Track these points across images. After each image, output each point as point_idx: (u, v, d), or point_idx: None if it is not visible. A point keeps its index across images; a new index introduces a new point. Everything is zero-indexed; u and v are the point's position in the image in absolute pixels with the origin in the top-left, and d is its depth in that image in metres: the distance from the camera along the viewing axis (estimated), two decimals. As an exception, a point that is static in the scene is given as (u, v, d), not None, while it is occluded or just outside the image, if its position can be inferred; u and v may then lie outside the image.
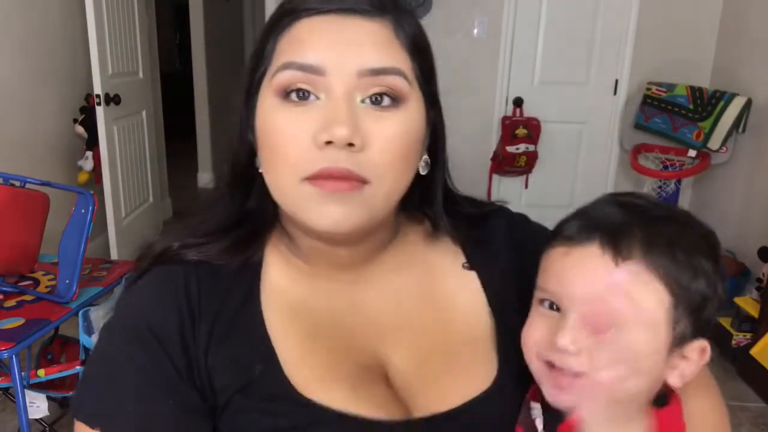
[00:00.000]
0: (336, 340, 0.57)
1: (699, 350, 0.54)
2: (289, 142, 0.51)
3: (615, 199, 0.56)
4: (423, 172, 0.57)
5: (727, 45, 3.35)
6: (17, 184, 1.63)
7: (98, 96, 2.82)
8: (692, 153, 3.18)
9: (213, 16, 5.13)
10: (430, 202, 0.62)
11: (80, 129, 2.97)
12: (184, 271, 0.57)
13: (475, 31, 3.56)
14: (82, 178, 3.02)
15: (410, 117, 0.53)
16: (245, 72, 0.57)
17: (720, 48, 3.42)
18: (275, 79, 0.52)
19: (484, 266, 0.64)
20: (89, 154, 2.99)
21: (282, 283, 0.59)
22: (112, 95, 2.92)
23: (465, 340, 0.60)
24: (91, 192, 1.59)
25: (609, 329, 0.50)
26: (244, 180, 0.59)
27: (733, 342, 2.44)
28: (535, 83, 3.61)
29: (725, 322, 2.53)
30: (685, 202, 3.62)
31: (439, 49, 0.57)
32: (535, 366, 0.54)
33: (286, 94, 0.52)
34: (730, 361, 2.47)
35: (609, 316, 0.50)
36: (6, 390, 1.74)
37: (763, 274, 2.54)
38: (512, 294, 0.63)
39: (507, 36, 3.54)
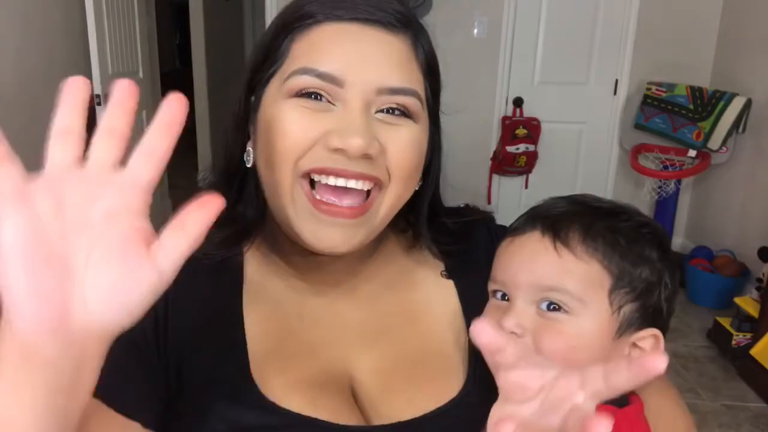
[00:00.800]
0: (306, 345, 0.57)
1: (652, 339, 0.55)
2: (297, 135, 0.49)
3: (563, 197, 0.59)
4: (416, 188, 0.58)
5: (727, 45, 3.35)
6: (17, 184, 1.63)
7: (98, 96, 2.83)
8: (692, 153, 3.18)
9: (213, 16, 5.13)
10: (416, 215, 0.62)
11: (80, 129, 2.97)
12: None
13: (475, 30, 3.56)
14: (82, 178, 3.02)
15: (420, 134, 0.53)
16: (248, 66, 0.56)
17: (720, 48, 3.42)
18: (289, 82, 0.50)
19: (463, 276, 0.64)
20: (89, 154, 3.00)
21: (262, 283, 0.59)
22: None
23: (435, 349, 0.59)
24: (91, 192, 1.59)
25: (555, 312, 0.52)
26: (236, 176, 0.57)
27: (733, 342, 2.44)
28: (535, 83, 3.61)
29: (725, 322, 2.53)
30: (685, 202, 3.62)
31: (439, 49, 0.57)
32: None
33: (299, 95, 0.50)
34: (730, 361, 2.47)
35: (551, 296, 0.52)
36: (6, 390, 1.74)
37: (763, 274, 2.54)
38: (485, 302, 0.62)
39: (507, 36, 3.55)
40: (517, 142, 3.51)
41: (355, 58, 0.50)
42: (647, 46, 3.46)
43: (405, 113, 0.52)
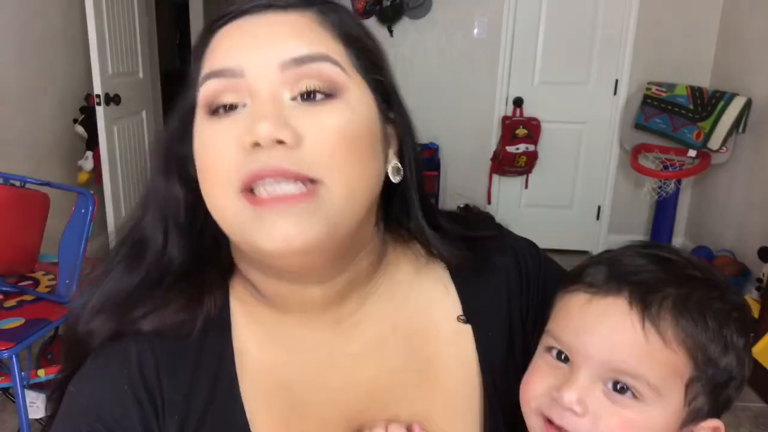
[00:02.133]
0: (314, 415, 0.52)
1: (711, 430, 0.49)
2: (218, 154, 0.45)
3: (647, 252, 0.50)
4: (394, 179, 0.51)
5: (727, 45, 3.35)
6: (17, 184, 1.63)
7: (98, 96, 2.82)
8: (692, 153, 3.18)
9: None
10: (408, 213, 0.55)
11: (80, 129, 2.97)
12: (137, 352, 0.50)
13: (475, 31, 3.56)
14: (82, 178, 3.02)
15: (351, 107, 0.46)
16: (177, 115, 0.51)
17: (720, 48, 3.42)
18: (200, 95, 0.47)
19: (482, 319, 0.58)
20: (89, 154, 2.99)
21: (254, 351, 0.52)
22: (112, 95, 2.92)
23: (449, 413, 0.55)
24: (91, 192, 1.59)
25: (622, 394, 0.46)
26: (188, 215, 0.51)
27: (733, 342, 2.44)
28: (535, 83, 3.61)
29: (725, 322, 2.53)
30: (685, 202, 3.62)
31: (439, 49, 0.55)
32: (533, 422, 0.50)
33: (213, 110, 0.46)
34: (730, 361, 2.47)
35: (625, 380, 0.45)
36: (6, 390, 1.74)
37: (763, 274, 2.54)
38: (505, 343, 0.58)
39: (507, 36, 3.54)
40: (517, 142, 3.51)
41: (246, 43, 0.46)
42: (647, 46, 3.46)
43: (326, 93, 0.46)
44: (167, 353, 0.50)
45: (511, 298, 0.59)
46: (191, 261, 0.52)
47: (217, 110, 0.46)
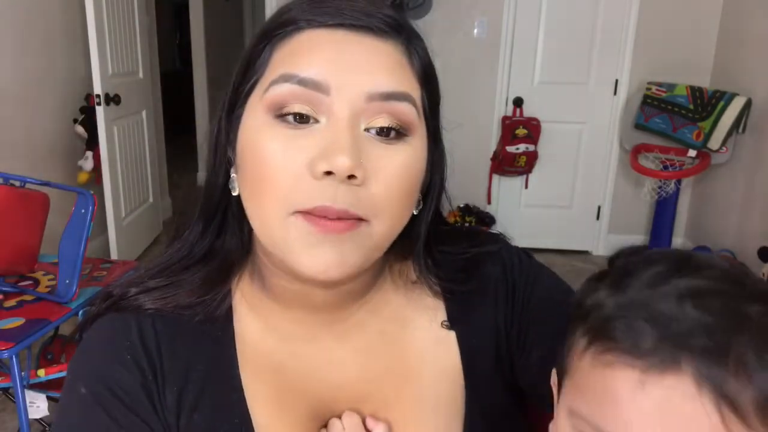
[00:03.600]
0: (303, 402, 0.54)
1: None
2: (281, 169, 0.44)
3: (698, 286, 0.36)
4: (415, 212, 0.52)
5: (727, 45, 3.35)
6: (17, 184, 1.63)
7: (98, 96, 2.82)
8: (692, 153, 3.18)
9: (213, 16, 5.14)
10: (414, 241, 0.56)
11: (80, 129, 2.97)
12: (137, 325, 0.52)
13: (475, 31, 3.56)
14: (82, 178, 3.02)
15: (414, 149, 0.48)
16: (232, 81, 0.51)
17: (720, 48, 3.42)
18: (269, 92, 0.46)
19: (467, 324, 0.58)
20: (89, 154, 2.99)
21: (253, 336, 0.54)
22: (112, 95, 2.92)
23: (432, 410, 0.55)
24: (91, 192, 1.59)
25: None
26: (219, 206, 0.52)
27: (733, 342, 2.44)
28: (535, 83, 3.61)
29: (725, 322, 2.53)
30: (685, 202, 3.63)
31: (439, 49, 0.55)
32: None
33: (281, 114, 0.45)
34: (730, 361, 2.46)
35: None
36: (6, 390, 1.74)
37: (763, 274, 2.54)
38: (491, 351, 0.58)
39: (507, 36, 3.54)
40: (517, 142, 3.51)
41: (340, 63, 0.45)
42: (647, 46, 3.46)
43: (399, 131, 0.46)
44: (167, 330, 0.52)
45: (498, 306, 0.59)
46: (212, 248, 0.54)
47: (286, 116, 0.45)
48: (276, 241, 0.46)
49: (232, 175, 0.51)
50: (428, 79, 0.51)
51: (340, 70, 0.45)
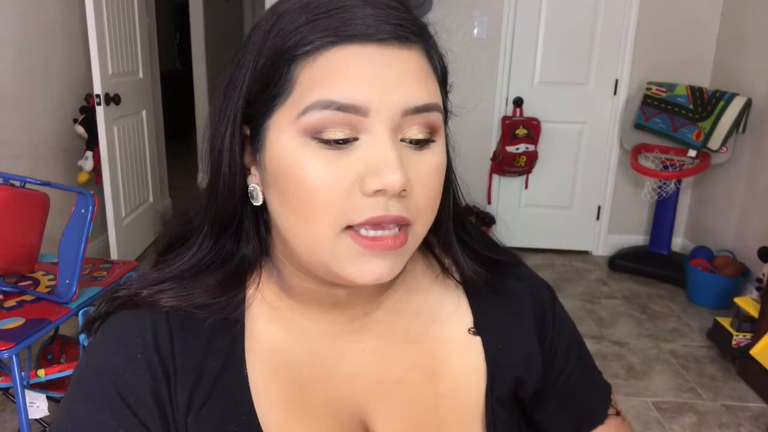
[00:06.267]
0: (318, 399, 0.54)
1: None
2: (329, 190, 0.45)
3: None
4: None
5: (727, 45, 3.35)
6: (17, 184, 1.63)
7: (98, 96, 2.82)
8: (692, 153, 3.18)
9: (213, 16, 5.14)
10: (440, 231, 0.57)
11: (80, 129, 2.97)
12: (152, 323, 0.52)
13: (475, 31, 3.56)
14: (82, 178, 3.01)
15: (442, 152, 0.50)
16: (238, 90, 0.48)
17: (720, 48, 3.42)
18: (306, 117, 0.45)
19: (493, 333, 0.59)
20: (89, 154, 2.99)
21: (266, 333, 0.54)
22: (112, 95, 2.92)
23: (455, 417, 0.56)
24: (91, 192, 1.59)
25: None
26: (235, 215, 0.52)
27: (733, 342, 2.44)
28: (535, 83, 3.61)
29: (725, 322, 2.53)
30: (685, 202, 3.63)
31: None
32: None
33: (321, 138, 0.45)
34: (730, 361, 2.47)
35: None
36: (6, 390, 1.74)
37: (763, 274, 2.54)
38: (515, 364, 0.59)
39: (507, 36, 3.54)
40: (517, 142, 3.51)
41: (376, 82, 0.45)
42: (647, 46, 3.46)
43: (428, 138, 0.48)
44: (181, 328, 0.52)
45: (525, 319, 0.61)
46: (225, 254, 0.54)
47: (327, 142, 0.45)
48: (322, 258, 0.47)
49: (252, 185, 0.51)
50: (445, 78, 0.53)
51: (377, 90, 0.45)
